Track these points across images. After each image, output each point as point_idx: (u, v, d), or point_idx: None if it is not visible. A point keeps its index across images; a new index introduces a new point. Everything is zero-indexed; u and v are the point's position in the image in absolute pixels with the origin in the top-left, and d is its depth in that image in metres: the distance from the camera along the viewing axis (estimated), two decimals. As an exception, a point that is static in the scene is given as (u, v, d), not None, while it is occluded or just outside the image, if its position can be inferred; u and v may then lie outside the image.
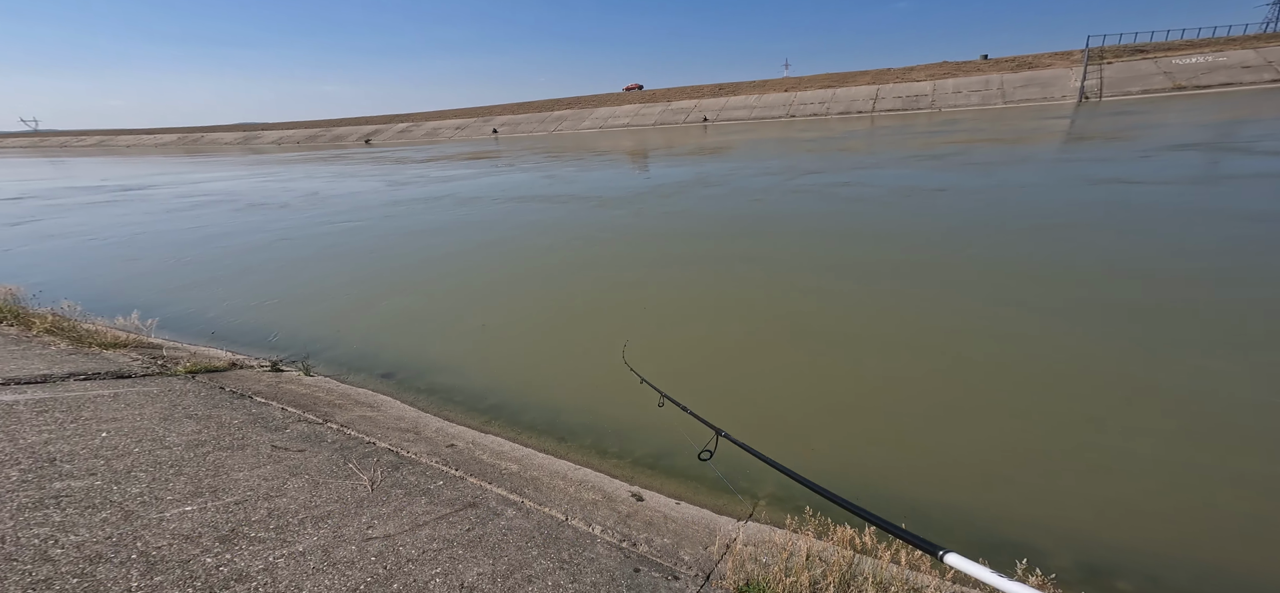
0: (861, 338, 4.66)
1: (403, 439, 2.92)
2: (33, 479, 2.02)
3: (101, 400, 3.07)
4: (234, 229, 11.57)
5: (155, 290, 7.32)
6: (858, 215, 9.30)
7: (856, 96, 50.86)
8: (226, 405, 3.15)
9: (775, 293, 5.80)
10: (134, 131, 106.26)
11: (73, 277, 8.26)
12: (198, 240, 10.59)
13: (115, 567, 1.50)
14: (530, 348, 4.96)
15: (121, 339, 4.52)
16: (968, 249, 6.85)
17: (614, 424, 3.53)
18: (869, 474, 3.09)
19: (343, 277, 7.55)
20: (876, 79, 54.10)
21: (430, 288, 6.92)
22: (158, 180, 24.57)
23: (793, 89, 57.56)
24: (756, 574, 2.17)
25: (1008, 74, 47.17)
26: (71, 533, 1.66)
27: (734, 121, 51.58)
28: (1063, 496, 2.85)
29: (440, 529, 2.08)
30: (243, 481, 2.20)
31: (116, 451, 2.40)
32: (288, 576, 1.60)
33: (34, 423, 2.63)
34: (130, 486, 2.05)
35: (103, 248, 10.26)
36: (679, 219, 9.86)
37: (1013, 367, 4.02)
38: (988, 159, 14.94)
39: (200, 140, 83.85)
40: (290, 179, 22.42)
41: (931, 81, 49.81)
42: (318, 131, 79.97)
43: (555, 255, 8.07)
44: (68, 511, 1.82)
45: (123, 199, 17.47)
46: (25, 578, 1.39)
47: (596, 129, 56.99)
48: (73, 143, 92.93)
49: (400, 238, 9.96)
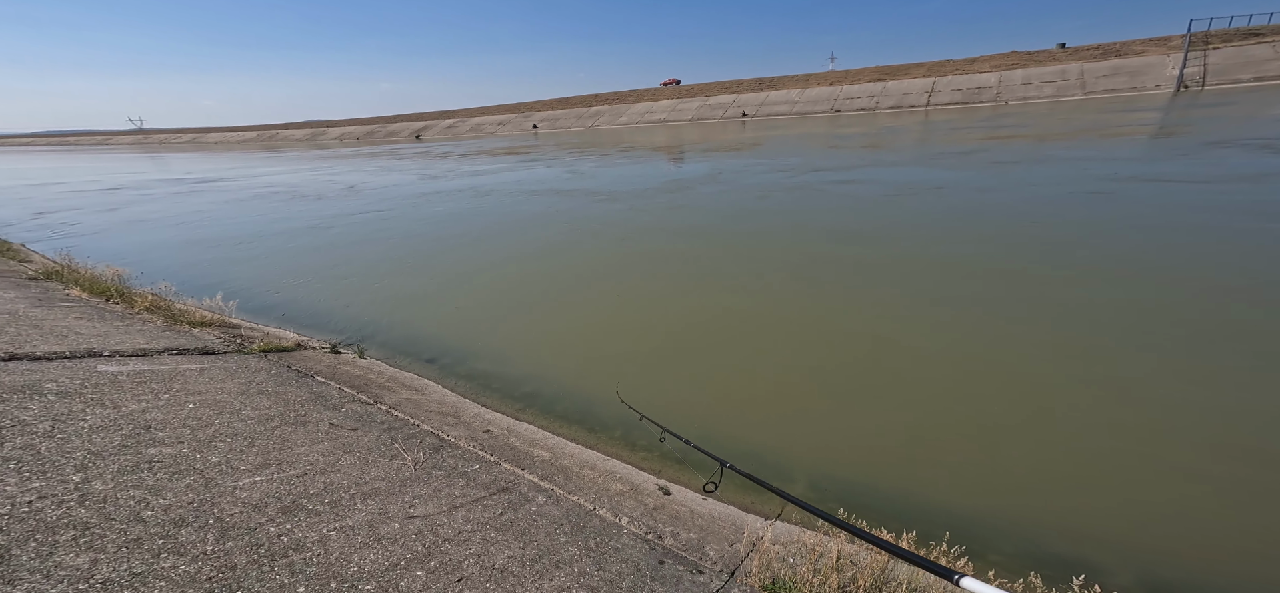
0: (807, 334, 4.76)
1: (443, 423, 3.06)
2: (132, 445, 2.27)
3: (190, 374, 3.41)
4: (276, 216, 12.95)
5: (206, 267, 8.53)
6: (840, 212, 9.37)
7: (909, 90, 47.18)
8: (292, 383, 3.42)
9: (737, 289, 5.96)
10: (221, 129, 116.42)
11: (146, 255, 9.58)
12: (248, 225, 11.92)
13: (195, 531, 1.67)
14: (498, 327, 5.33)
15: (207, 318, 4.99)
16: (928, 248, 6.87)
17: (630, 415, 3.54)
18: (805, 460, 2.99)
19: (351, 263, 8.41)
20: (932, 71, 50.14)
21: (428, 271, 7.66)
22: (228, 174, 27.02)
23: (838, 83, 54.57)
24: (783, 574, 2.13)
25: (1089, 63, 41.91)
26: (161, 496, 1.86)
27: (774, 117, 49.71)
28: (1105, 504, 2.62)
29: (475, 512, 2.17)
30: (304, 455, 2.39)
31: (201, 421, 2.66)
32: (338, 548, 1.72)
33: (134, 393, 2.95)
34: (211, 455, 2.27)
35: (173, 231, 11.66)
36: (671, 215, 10.14)
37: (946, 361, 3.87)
38: (1013, 156, 13.85)
39: (275, 137, 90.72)
40: (337, 173, 24.20)
41: (997, 73, 45.33)
42: (374, 128, 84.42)
43: (540, 246, 8.59)
44: (159, 475, 2.04)
45: (198, 191, 19.54)
46: (120, 537, 1.57)
47: (633, 124, 56.73)
48: (170, 140, 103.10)
49: (415, 224, 10.95)
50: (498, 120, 71.57)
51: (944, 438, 3.24)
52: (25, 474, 1.86)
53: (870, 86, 50.45)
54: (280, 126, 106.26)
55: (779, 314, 5.18)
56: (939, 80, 47.21)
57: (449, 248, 8.88)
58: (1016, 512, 2.71)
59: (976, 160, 13.87)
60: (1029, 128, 21.15)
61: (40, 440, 2.17)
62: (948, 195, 9.98)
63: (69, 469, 1.97)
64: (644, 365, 4.37)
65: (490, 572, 1.81)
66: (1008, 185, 10.51)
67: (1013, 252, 6.44)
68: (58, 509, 1.67)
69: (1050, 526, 2.62)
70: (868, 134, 25.16)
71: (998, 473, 2.96)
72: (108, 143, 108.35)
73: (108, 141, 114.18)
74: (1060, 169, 11.55)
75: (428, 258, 8.37)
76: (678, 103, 61.70)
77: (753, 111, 53.25)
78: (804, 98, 52.89)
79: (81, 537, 1.54)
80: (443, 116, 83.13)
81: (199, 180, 23.74)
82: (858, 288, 5.68)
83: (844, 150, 18.87)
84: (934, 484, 2.91)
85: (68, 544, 1.49)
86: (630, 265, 7.23)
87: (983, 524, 2.65)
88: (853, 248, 7.14)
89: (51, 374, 3.00)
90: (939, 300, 5.17)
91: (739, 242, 7.90)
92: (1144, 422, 3.21)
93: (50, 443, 2.16)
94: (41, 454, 2.05)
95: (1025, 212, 8.34)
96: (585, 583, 1.87)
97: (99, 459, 2.09)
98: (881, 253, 6.84)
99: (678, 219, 9.73)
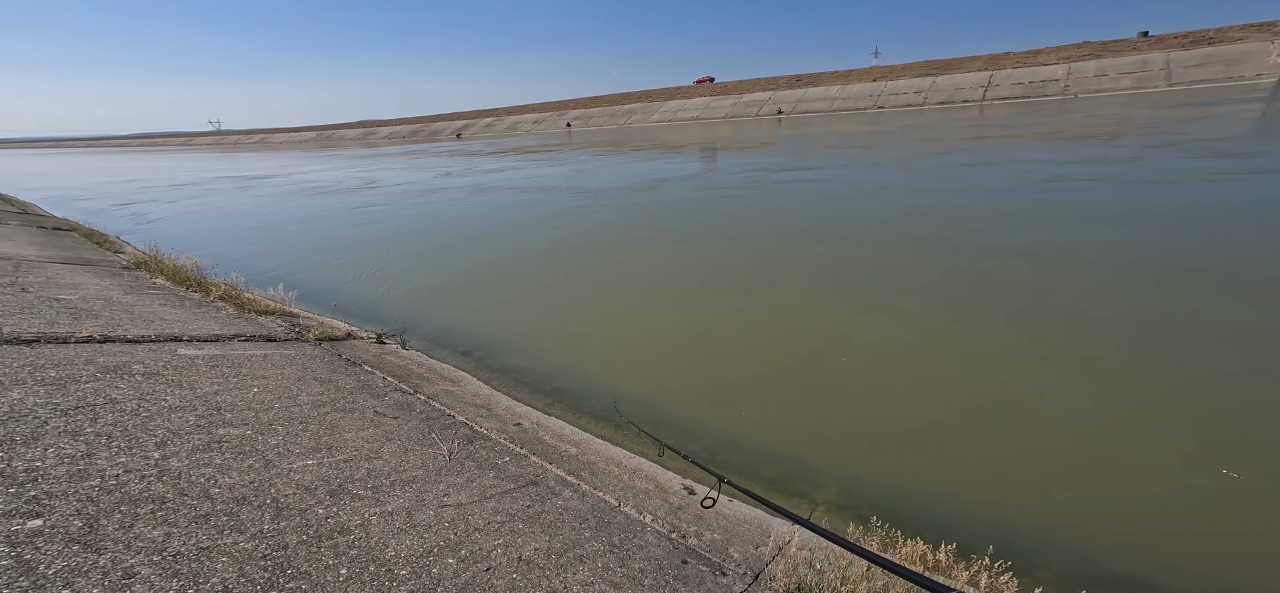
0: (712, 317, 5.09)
1: (477, 415, 3.15)
2: (204, 425, 2.46)
3: (255, 360, 3.66)
4: (294, 208, 14.85)
5: (233, 249, 10.06)
6: (776, 209, 9.84)
7: (961, 84, 44.09)
8: (342, 371, 3.60)
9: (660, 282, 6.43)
10: (286, 130, 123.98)
11: (195, 240, 11.21)
12: (271, 215, 14.00)
13: (254, 510, 1.78)
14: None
15: (271, 307, 5.34)
16: (840, 244, 7.25)
17: (669, 416, 3.54)
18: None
19: (337, 247, 9.68)
20: (989, 64, 46.66)
21: (395, 259, 8.62)
22: (279, 171, 29.47)
23: (882, 78, 51.87)
24: (809, 580, 2.07)
25: (1177, 52, 37.77)
26: (226, 475, 2.01)
27: (811, 114, 47.92)
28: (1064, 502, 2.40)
29: (505, 503, 2.22)
30: (350, 441, 2.51)
31: (263, 405, 2.85)
32: (378, 532, 1.81)
33: (208, 375, 3.19)
34: (270, 437, 2.42)
35: (220, 220, 13.73)
36: (632, 211, 10.91)
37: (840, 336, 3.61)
38: (1005, 155, 13.35)
39: (331, 137, 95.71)
40: (368, 170, 26.24)
41: (1065, 64, 41.55)
42: (419, 127, 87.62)
43: (498, 233, 9.71)
44: (226, 454, 2.19)
45: (251, 186, 21.89)
46: (191, 512, 1.70)
47: (665, 122, 56.25)
48: (243, 140, 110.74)
49: (406, 218, 12.23)
50: (533, 119, 72.76)
51: (999, 453, 3.06)
52: (114, 450, 2.05)
53: (917, 81, 47.67)
54: (336, 127, 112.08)
55: (777, 318, 5.16)
56: (996, 74, 43.94)
57: (425, 241, 9.80)
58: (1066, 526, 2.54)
59: (947, 160, 13.78)
60: (1079, 123, 19.58)
61: (128, 418, 2.37)
62: (881, 198, 10.17)
63: (151, 446, 2.15)
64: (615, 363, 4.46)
65: (517, 563, 1.84)
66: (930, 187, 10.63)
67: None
68: (140, 483, 1.83)
69: (1106, 541, 2.43)
70: (892, 132, 24.41)
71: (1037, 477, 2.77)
72: (190, 144, 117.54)
73: (190, 142, 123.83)
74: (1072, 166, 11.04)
75: (399, 247, 9.39)
76: (711, 100, 60.67)
77: (789, 108, 51.63)
78: (844, 94, 50.69)
79: (158, 511, 1.67)
80: (481, 115, 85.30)
81: (254, 177, 26.35)
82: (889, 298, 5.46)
83: (847, 148, 18.67)
84: (987, 496, 2.76)
85: (147, 517, 1.63)
86: (578, 254, 7.98)
87: (1025, 535, 2.49)
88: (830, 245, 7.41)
89: (139, 356, 3.29)
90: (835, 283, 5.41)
91: (685, 241, 8.32)
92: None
93: (136, 421, 2.36)
94: (129, 431, 2.25)
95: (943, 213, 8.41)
96: (609, 579, 1.88)
97: (176, 437, 2.27)
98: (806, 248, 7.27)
99: (628, 217, 10.43)
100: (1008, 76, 42.91)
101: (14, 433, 2.04)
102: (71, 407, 2.38)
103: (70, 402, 2.44)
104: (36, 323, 3.55)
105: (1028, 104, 35.38)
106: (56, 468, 1.84)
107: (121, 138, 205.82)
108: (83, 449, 2.01)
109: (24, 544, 1.40)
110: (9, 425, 2.10)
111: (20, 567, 1.32)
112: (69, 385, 2.61)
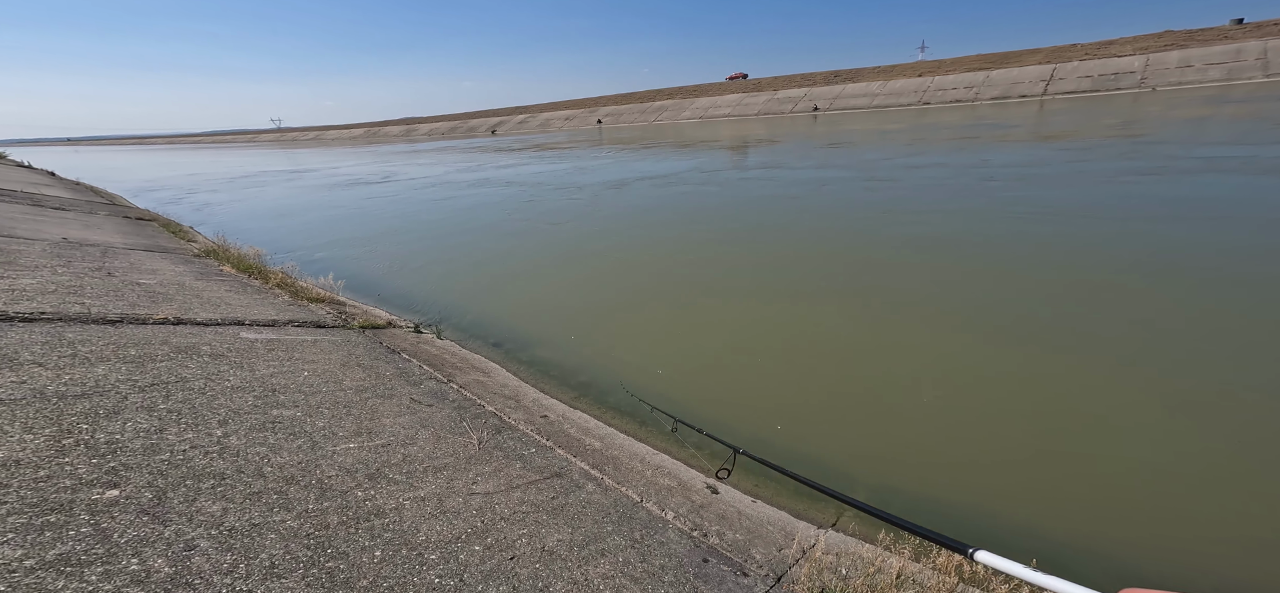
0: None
1: (505, 405, 3.21)
2: (260, 405, 2.61)
3: (306, 345, 3.85)
4: (318, 200, 16.61)
5: (256, 231, 11.61)
6: (732, 203, 10.42)
7: (1019, 78, 40.59)
8: (383, 358, 3.75)
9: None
10: (337, 127, 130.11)
11: (234, 226, 12.68)
12: (298, 204, 15.93)
13: (301, 489, 1.87)
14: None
15: (320, 295, 5.61)
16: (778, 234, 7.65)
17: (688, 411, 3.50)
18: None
19: (334, 231, 11.08)
20: (1052, 57, 42.64)
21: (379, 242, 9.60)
22: (321, 166, 31.57)
23: (928, 73, 48.79)
24: (834, 585, 2.01)
25: (1277, 40, 33.44)
26: (278, 454, 2.12)
27: (850, 111, 45.62)
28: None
29: (530, 494, 2.25)
30: (388, 427, 2.61)
31: (312, 388, 2.99)
32: (411, 517, 1.86)
33: (266, 358, 3.38)
34: (317, 420, 2.54)
35: (257, 209, 15.55)
36: (603, 203, 11.78)
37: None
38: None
39: (377, 133, 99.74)
40: (392, 165, 28.13)
41: (1142, 56, 37.73)
42: (457, 123, 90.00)
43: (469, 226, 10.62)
44: (279, 434, 2.31)
45: (291, 180, 24.00)
46: (246, 489, 1.80)
47: (696, 119, 55.32)
48: (300, 137, 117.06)
49: (405, 205, 13.83)
50: (565, 115, 73.35)
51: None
52: (182, 426, 2.20)
53: (968, 76, 44.34)
54: (382, 124, 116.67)
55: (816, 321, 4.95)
56: (1060, 67, 40.22)
57: (417, 229, 10.71)
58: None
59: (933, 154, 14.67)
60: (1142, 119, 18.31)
61: (195, 396, 2.54)
62: (828, 189, 10.67)
63: (214, 423, 2.30)
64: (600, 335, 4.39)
65: (540, 553, 1.86)
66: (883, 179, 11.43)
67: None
68: (203, 459, 1.95)
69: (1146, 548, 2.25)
70: (922, 127, 24.30)
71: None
72: (254, 141, 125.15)
73: (254, 139, 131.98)
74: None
75: (384, 232, 10.44)
76: (744, 97, 59.17)
77: (826, 105, 49.46)
78: (886, 90, 47.98)
79: (218, 486, 1.78)
80: (516, 113, 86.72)
81: (298, 171, 28.73)
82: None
83: (849, 148, 18.85)
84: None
85: (208, 492, 1.74)
86: (533, 241, 8.69)
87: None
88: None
89: (207, 338, 3.52)
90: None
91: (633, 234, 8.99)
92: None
93: (202, 399, 2.53)
94: (196, 409, 2.41)
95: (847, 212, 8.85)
96: (629, 573, 1.88)
97: (236, 416, 2.41)
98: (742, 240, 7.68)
99: (597, 208, 11.23)
100: (1073, 69, 39.36)
101: (98, 407, 2.22)
102: (148, 383, 2.58)
103: (147, 379, 2.63)
104: (120, 305, 3.86)
105: (1096, 99, 32.42)
106: (133, 441, 1.99)
107: (196, 135, 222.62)
108: (156, 424, 2.16)
109: (102, 513, 1.52)
110: (94, 399, 2.29)
111: (97, 534, 1.43)
112: (146, 364, 2.82)
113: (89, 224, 8.49)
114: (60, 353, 2.72)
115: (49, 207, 10.15)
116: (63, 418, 2.06)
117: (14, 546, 1.33)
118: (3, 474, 1.61)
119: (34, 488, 1.58)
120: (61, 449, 1.83)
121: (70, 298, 3.77)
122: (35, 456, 1.76)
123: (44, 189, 14.04)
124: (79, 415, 2.10)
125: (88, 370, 2.56)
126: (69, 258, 5.36)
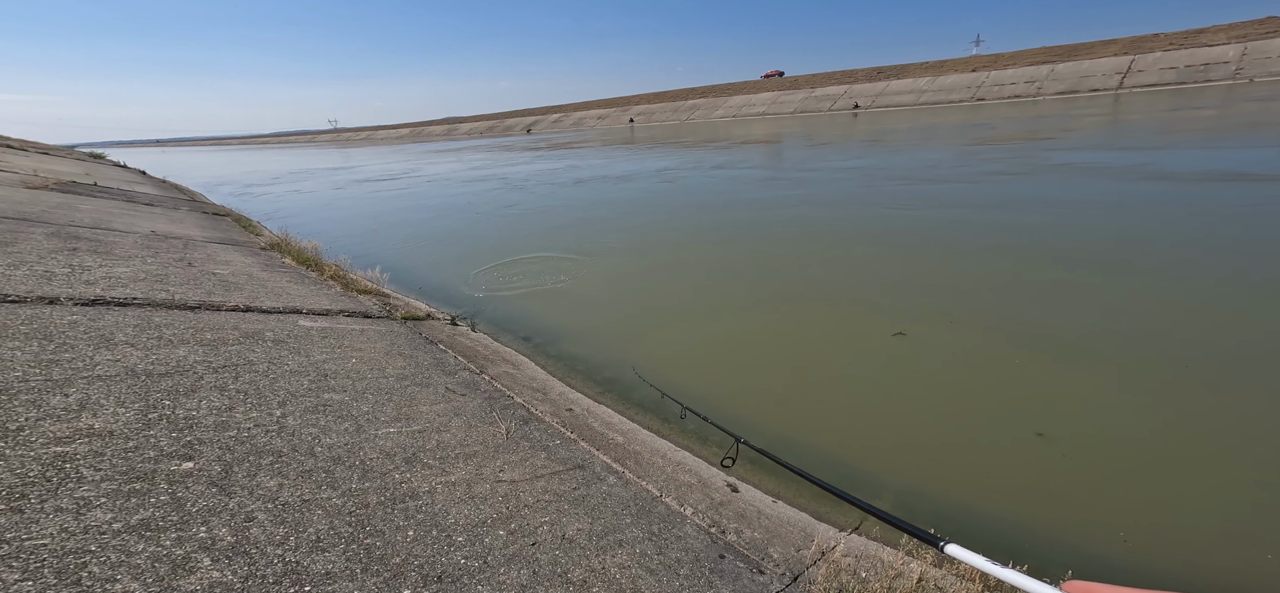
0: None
1: (533, 398, 3.29)
2: (314, 389, 2.78)
3: (354, 334, 4.08)
4: (331, 195, 18.26)
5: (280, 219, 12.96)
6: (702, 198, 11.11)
7: (1090, 71, 36.00)
8: (422, 349, 3.91)
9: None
10: (386, 127, 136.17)
11: (269, 212, 14.43)
12: (319, 199, 17.46)
13: (346, 469, 1.99)
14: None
15: (368, 287, 5.91)
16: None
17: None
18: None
19: (331, 218, 12.61)
20: (1130, 47, 37.67)
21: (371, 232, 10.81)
22: (359, 163, 34.15)
23: (983, 68, 44.39)
24: (853, 587, 1.96)
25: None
26: (328, 435, 2.26)
27: (894, 108, 42.30)
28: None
29: (553, 484, 2.31)
30: (424, 414, 2.73)
31: (359, 374, 3.17)
32: (442, 500, 1.95)
33: (319, 345, 3.61)
34: (362, 405, 2.69)
35: (287, 202, 17.13)
36: (572, 198, 12.39)
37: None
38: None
39: (421, 132, 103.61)
40: (416, 164, 30.07)
41: (1239, 44, 33.11)
42: (494, 122, 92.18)
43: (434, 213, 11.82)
44: (329, 417, 2.47)
45: (326, 176, 26.36)
46: (299, 466, 1.93)
47: (729, 117, 53.95)
48: (353, 137, 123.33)
49: (404, 200, 15.07)
50: (598, 114, 73.71)
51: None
52: (248, 406, 2.38)
53: (1029, 70, 39.50)
54: (426, 124, 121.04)
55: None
56: (1140, 58, 35.45)
57: (401, 219, 11.79)
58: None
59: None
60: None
61: (259, 378, 2.74)
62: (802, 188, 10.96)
63: (274, 404, 2.47)
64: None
65: (560, 541, 1.91)
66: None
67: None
68: (264, 437, 2.11)
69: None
70: (972, 125, 23.23)
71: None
72: (313, 141, 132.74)
73: (313, 139, 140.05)
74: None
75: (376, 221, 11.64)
76: (779, 95, 57.01)
77: (867, 102, 46.25)
78: (934, 86, 44.05)
79: (275, 463, 1.92)
80: (551, 112, 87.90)
81: (337, 168, 31.25)
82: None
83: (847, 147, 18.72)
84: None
85: (267, 468, 1.88)
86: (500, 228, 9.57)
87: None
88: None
89: (270, 325, 3.78)
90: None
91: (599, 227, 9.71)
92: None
93: (266, 381, 2.73)
94: (259, 390, 2.60)
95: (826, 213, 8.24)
96: (645, 565, 1.90)
97: (293, 398, 2.59)
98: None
99: (562, 203, 11.95)
100: (1156, 61, 34.71)
101: (179, 385, 2.44)
102: (221, 365, 2.80)
103: (220, 361, 2.86)
104: (198, 292, 4.20)
105: (1181, 92, 28.65)
106: (207, 418, 2.18)
107: (262, 136, 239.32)
108: (226, 403, 2.35)
109: (178, 483, 1.67)
110: (175, 378, 2.51)
111: (173, 503, 1.58)
112: (219, 347, 3.06)
113: (173, 219, 9.28)
114: (148, 335, 2.99)
115: (139, 202, 11.16)
116: (149, 394, 2.27)
117: (105, 509, 1.49)
118: (99, 444, 1.80)
119: (124, 457, 1.76)
120: (148, 422, 2.02)
121: (157, 285, 4.14)
122: (126, 428, 1.95)
123: (135, 187, 15.45)
124: (163, 393, 2.31)
125: (170, 352, 2.81)
126: (156, 249, 5.87)
